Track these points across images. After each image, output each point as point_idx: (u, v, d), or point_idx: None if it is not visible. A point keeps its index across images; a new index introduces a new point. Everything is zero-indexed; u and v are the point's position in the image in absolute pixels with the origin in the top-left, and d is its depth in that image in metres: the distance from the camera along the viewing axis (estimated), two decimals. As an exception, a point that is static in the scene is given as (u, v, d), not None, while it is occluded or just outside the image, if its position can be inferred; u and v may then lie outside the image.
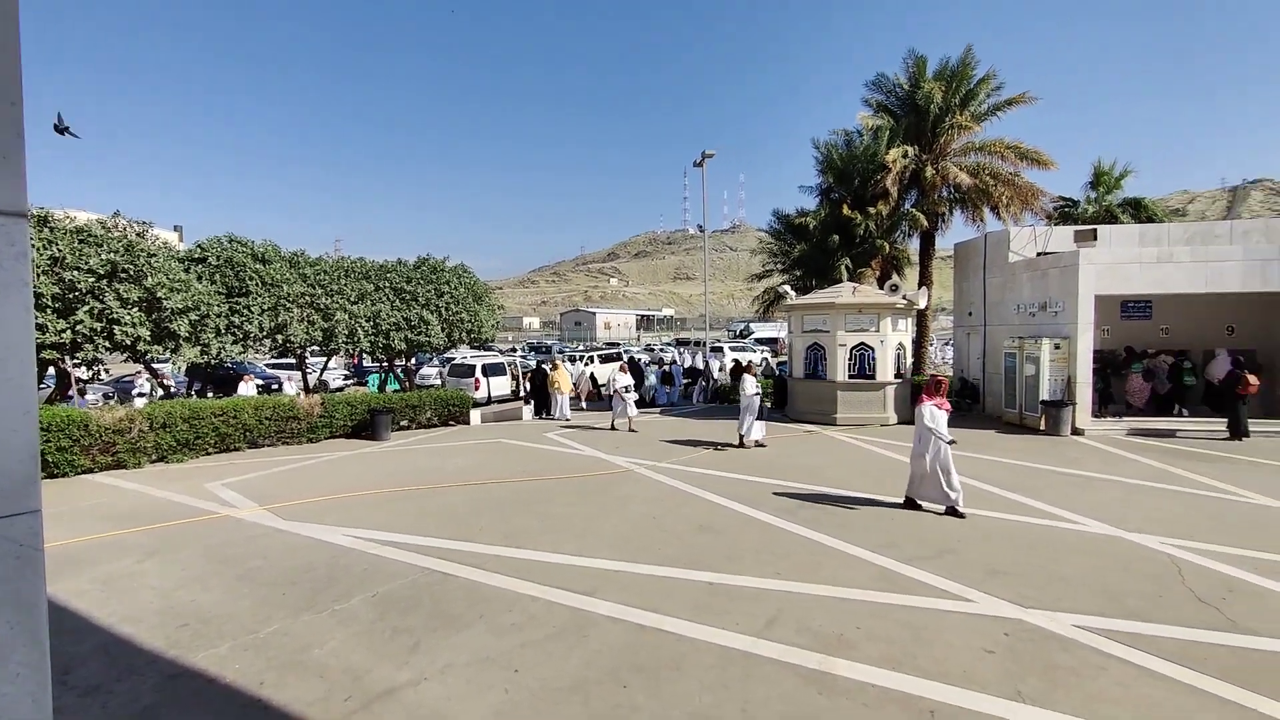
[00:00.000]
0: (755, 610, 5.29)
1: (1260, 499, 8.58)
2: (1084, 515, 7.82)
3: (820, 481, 9.75)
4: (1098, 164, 25.53)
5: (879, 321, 15.36)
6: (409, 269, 17.02)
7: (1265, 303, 14.88)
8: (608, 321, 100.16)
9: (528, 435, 14.67)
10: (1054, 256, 15.33)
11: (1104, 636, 4.77)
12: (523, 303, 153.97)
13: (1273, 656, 4.48)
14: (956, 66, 20.88)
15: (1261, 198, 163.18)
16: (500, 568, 6.29)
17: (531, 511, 8.29)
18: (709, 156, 26.70)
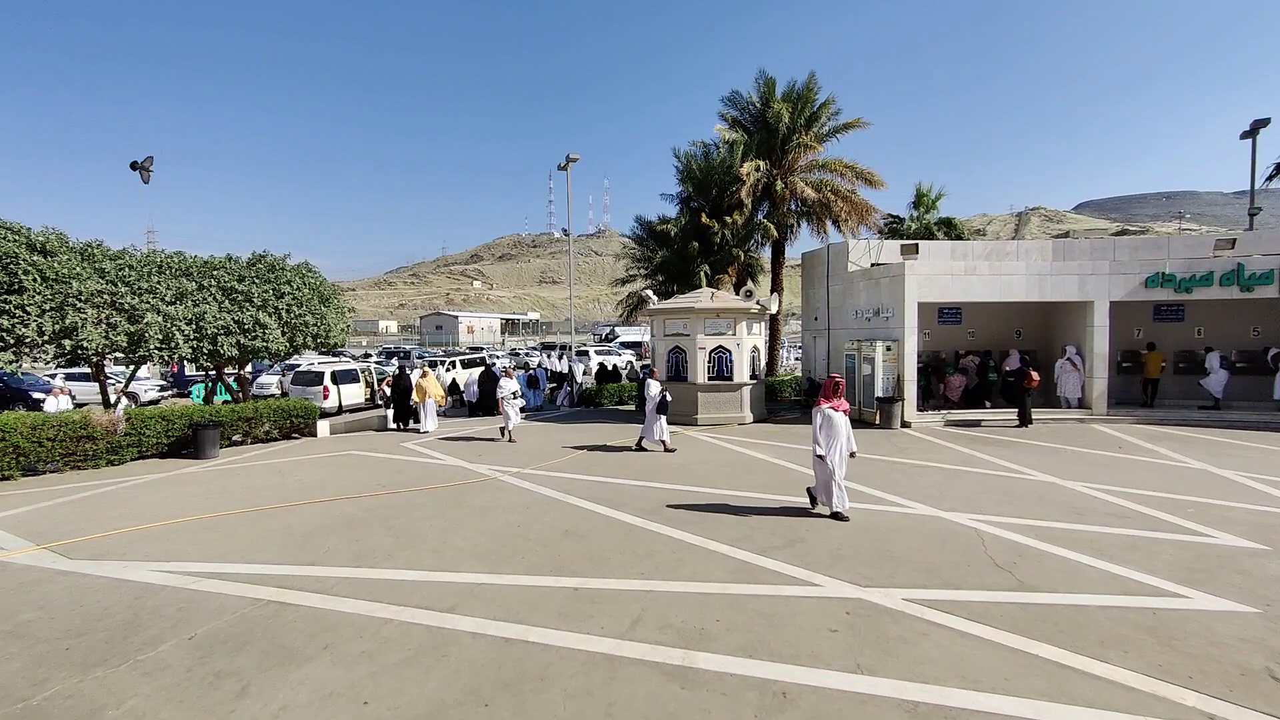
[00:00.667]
0: (619, 612, 5.32)
1: (1041, 476, 10.12)
2: (910, 499, 8.76)
3: (682, 480, 10.06)
4: (919, 186, 28.85)
5: (735, 326, 16.21)
6: (241, 266, 15.20)
7: (1043, 310, 17.64)
8: (471, 325, 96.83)
9: (383, 446, 13.73)
10: (885, 267, 17.08)
11: (926, 606, 5.35)
12: (378, 305, 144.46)
13: (1048, 609, 5.27)
14: (802, 90, 22.65)
15: (1039, 222, 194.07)
16: (349, 591, 5.80)
17: (385, 527, 7.75)
18: (573, 160, 26.68)
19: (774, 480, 10.08)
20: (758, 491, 9.33)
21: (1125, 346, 17.32)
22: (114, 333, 12.37)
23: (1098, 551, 6.59)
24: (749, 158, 21.77)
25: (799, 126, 22.49)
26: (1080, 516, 7.88)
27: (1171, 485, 9.39)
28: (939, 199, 28.86)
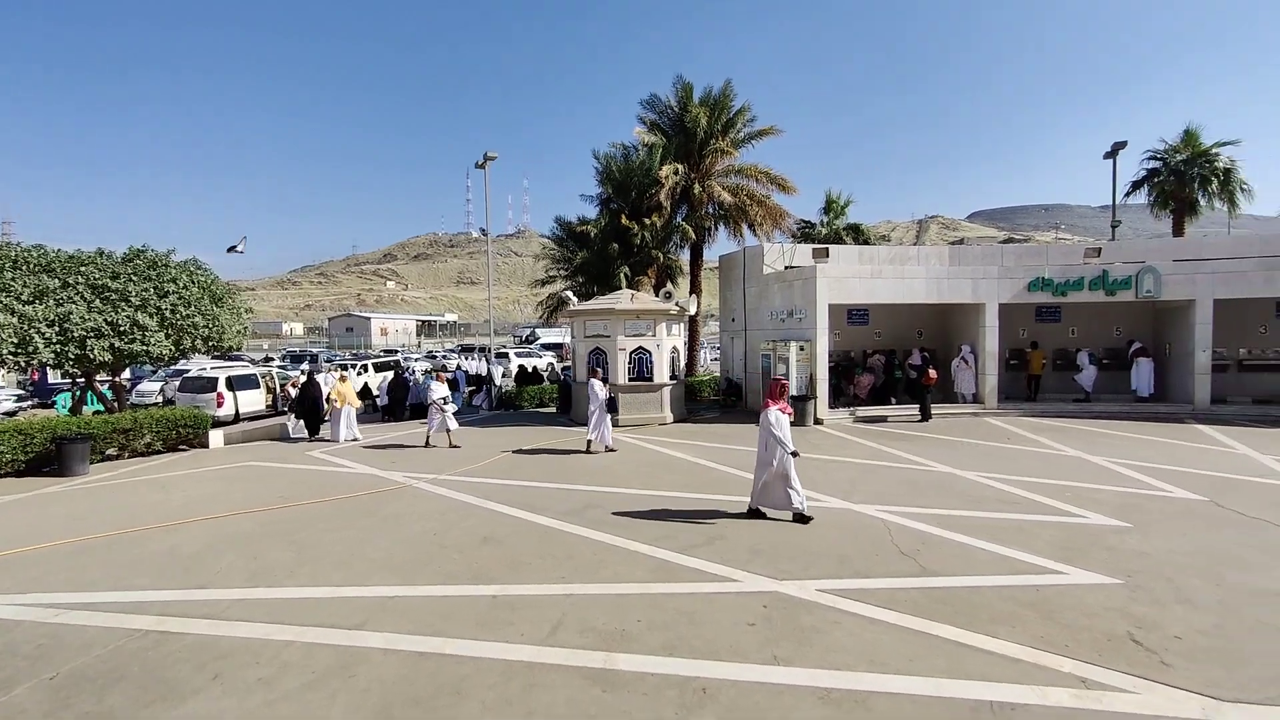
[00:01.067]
0: (540, 618, 5.21)
1: (941, 468, 10.80)
2: (824, 493, 9.10)
3: (604, 482, 10.02)
4: (829, 193, 30.23)
5: (655, 327, 16.35)
6: (115, 262, 13.77)
7: (940, 311, 18.87)
8: (384, 327, 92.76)
9: (286, 456, 12.87)
10: (798, 270, 17.73)
11: (838, 595, 5.56)
12: (282, 306, 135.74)
13: (947, 591, 5.62)
14: (719, 96, 23.16)
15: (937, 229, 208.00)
16: (244, 614, 5.38)
17: (287, 543, 7.25)
18: (491, 159, 26.11)
19: (695, 479, 10.22)
20: (679, 491, 9.42)
21: (1012, 345, 18.78)
22: (-43, 336, 10.94)
23: (990, 536, 7.09)
24: (668, 161, 22.03)
25: (716, 132, 22.98)
26: (976, 504, 8.46)
27: (1052, 472, 10.26)
28: (847, 205, 30.33)
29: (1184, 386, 16.85)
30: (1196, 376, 16.32)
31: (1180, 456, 11.28)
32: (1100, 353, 18.57)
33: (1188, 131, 27.04)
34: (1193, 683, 4.13)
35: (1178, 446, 12.24)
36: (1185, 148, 26.95)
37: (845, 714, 3.89)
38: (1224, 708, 3.88)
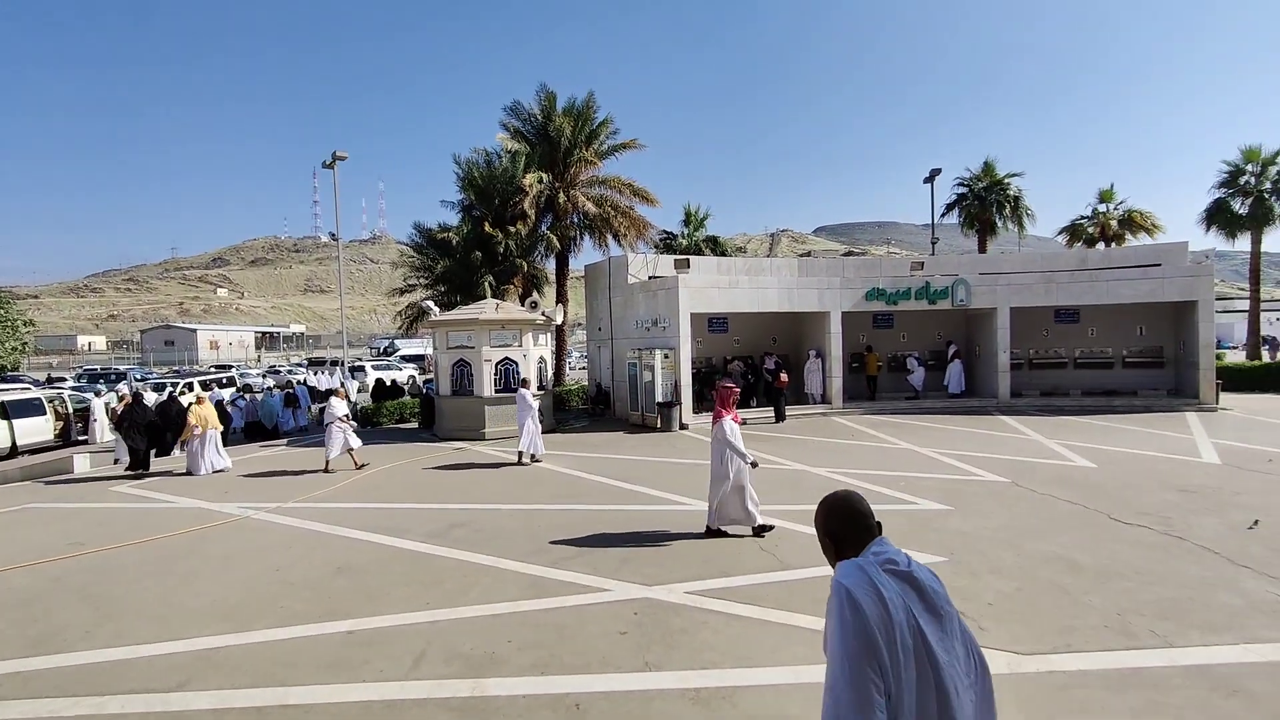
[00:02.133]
0: (400, 651, 4.85)
1: (794, 465, 11.58)
2: (688, 496, 9.37)
3: (472, 499, 9.63)
4: (687, 207, 31.47)
5: (522, 337, 16.05)
6: None
7: (792, 319, 20.31)
8: (215, 340, 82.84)
9: (81, 494, 11.04)
10: (661, 280, 18.26)
11: (705, 596, 5.73)
12: (78, 316, 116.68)
13: (803, 582, 5.99)
14: (582, 107, 23.31)
15: (787, 242, 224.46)
16: (23, 689, 4.50)
17: (81, 598, 6.17)
18: (341, 158, 24.42)
19: (565, 490, 10.13)
20: (548, 503, 9.28)
21: (853, 349, 20.63)
22: None
23: (838, 526, 7.67)
24: (532, 169, 21.79)
25: (580, 142, 23.11)
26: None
27: (889, 464, 11.37)
28: (706, 218, 31.77)
29: (990, 383, 19.46)
30: (999, 374, 18.90)
31: (988, 444, 12.99)
32: (926, 355, 20.95)
33: (986, 162, 31.40)
34: (1001, 641, 4.72)
35: (986, 436, 14.08)
36: (985, 176, 31.25)
37: (714, 712, 4.00)
38: (1024, 660, 4.48)
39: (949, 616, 1.86)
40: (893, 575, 1.84)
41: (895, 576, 1.84)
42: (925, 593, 1.85)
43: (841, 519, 2.04)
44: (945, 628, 1.83)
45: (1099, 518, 7.79)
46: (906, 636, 1.74)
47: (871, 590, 1.77)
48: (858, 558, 1.92)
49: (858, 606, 1.75)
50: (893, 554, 1.91)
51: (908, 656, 1.73)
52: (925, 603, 1.83)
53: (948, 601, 1.88)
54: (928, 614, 1.82)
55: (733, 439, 7.18)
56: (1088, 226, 32.52)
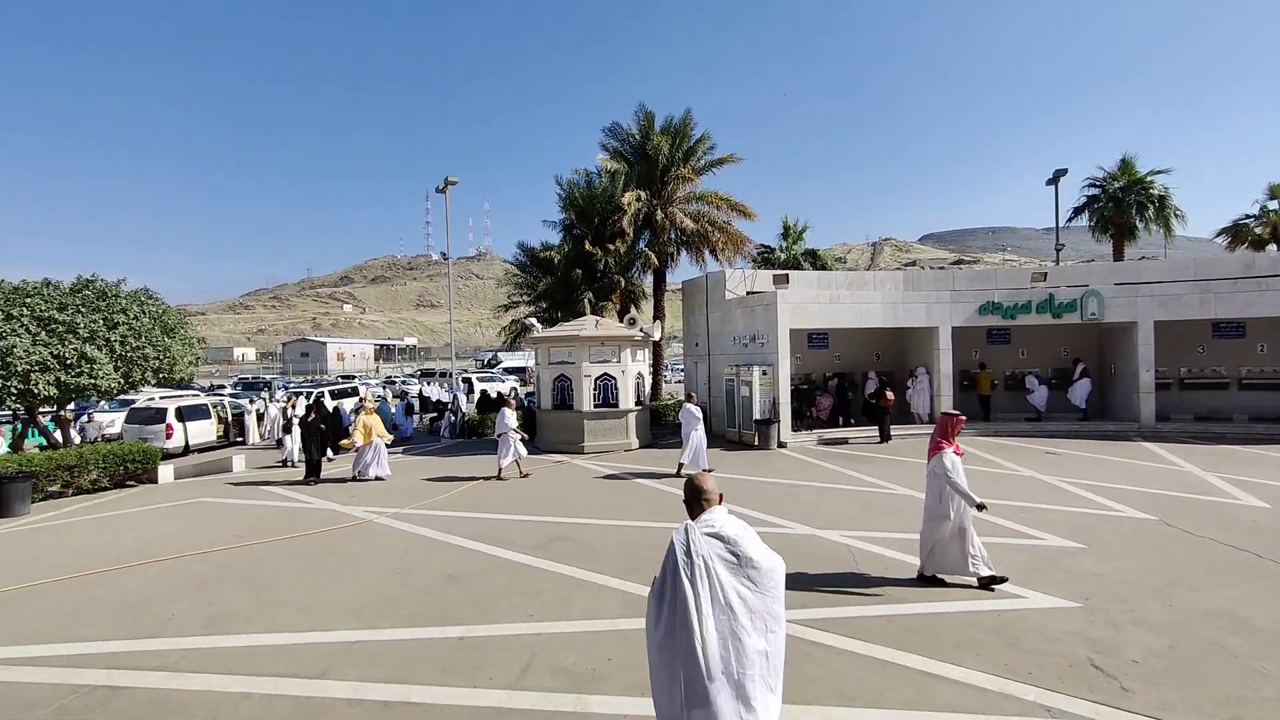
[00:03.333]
0: (508, 660, 5.13)
1: (901, 490, 11.06)
2: (788, 519, 9.22)
3: (570, 512, 9.96)
4: (785, 219, 30.99)
5: (620, 353, 16.42)
6: (62, 293, 13.23)
7: (896, 335, 19.44)
8: (341, 352, 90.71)
9: (240, 492, 12.43)
10: (759, 296, 18.08)
11: (807, 625, 5.62)
12: (234, 331, 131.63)
13: (912, 618, 5.74)
14: (679, 125, 23.63)
15: (890, 252, 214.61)
16: (199, 664, 5.16)
17: (244, 586, 6.99)
18: (452, 183, 26.06)
19: (662, 507, 10.23)
20: (645, 520, 9.42)
21: (965, 367, 19.42)
22: (-113, 372, 10.33)
23: (950, 559, 7.27)
24: (630, 188, 22.31)
25: (677, 159, 23.41)
26: (935, 526, 8.67)
27: (1007, 492, 10.60)
28: (804, 231, 31.13)
29: (1129, 405, 17.65)
30: (1141, 395, 17.10)
31: (1129, 475, 11.79)
32: (1049, 373, 19.34)
33: (1124, 160, 28.64)
34: (1148, 706, 4.28)
35: (1125, 464, 12.79)
36: (1122, 175, 28.51)
37: (817, 749, 3.93)
38: (1173, 727, 4.05)
39: (744, 556, 2.93)
40: (706, 533, 2.96)
41: (707, 535, 2.95)
42: (726, 541, 2.95)
43: (690, 493, 3.16)
44: (738, 559, 2.93)
45: (1275, 569, 6.83)
46: (703, 566, 2.87)
47: (683, 541, 2.94)
48: (692, 521, 3.06)
49: (671, 547, 2.96)
50: (712, 519, 3.03)
51: (703, 577, 2.85)
52: (726, 547, 2.93)
53: (739, 545, 2.94)
54: (725, 553, 2.92)
55: (954, 475, 6.39)
56: (1254, 227, 28.59)
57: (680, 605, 2.81)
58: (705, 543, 2.91)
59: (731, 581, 2.87)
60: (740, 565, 2.91)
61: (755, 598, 2.90)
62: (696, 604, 2.79)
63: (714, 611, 2.81)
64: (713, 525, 2.99)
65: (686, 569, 2.85)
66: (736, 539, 2.96)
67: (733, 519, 3.06)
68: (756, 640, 2.86)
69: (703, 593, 2.81)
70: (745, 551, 2.93)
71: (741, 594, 2.87)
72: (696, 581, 2.82)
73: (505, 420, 12.89)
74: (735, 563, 2.91)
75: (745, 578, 2.90)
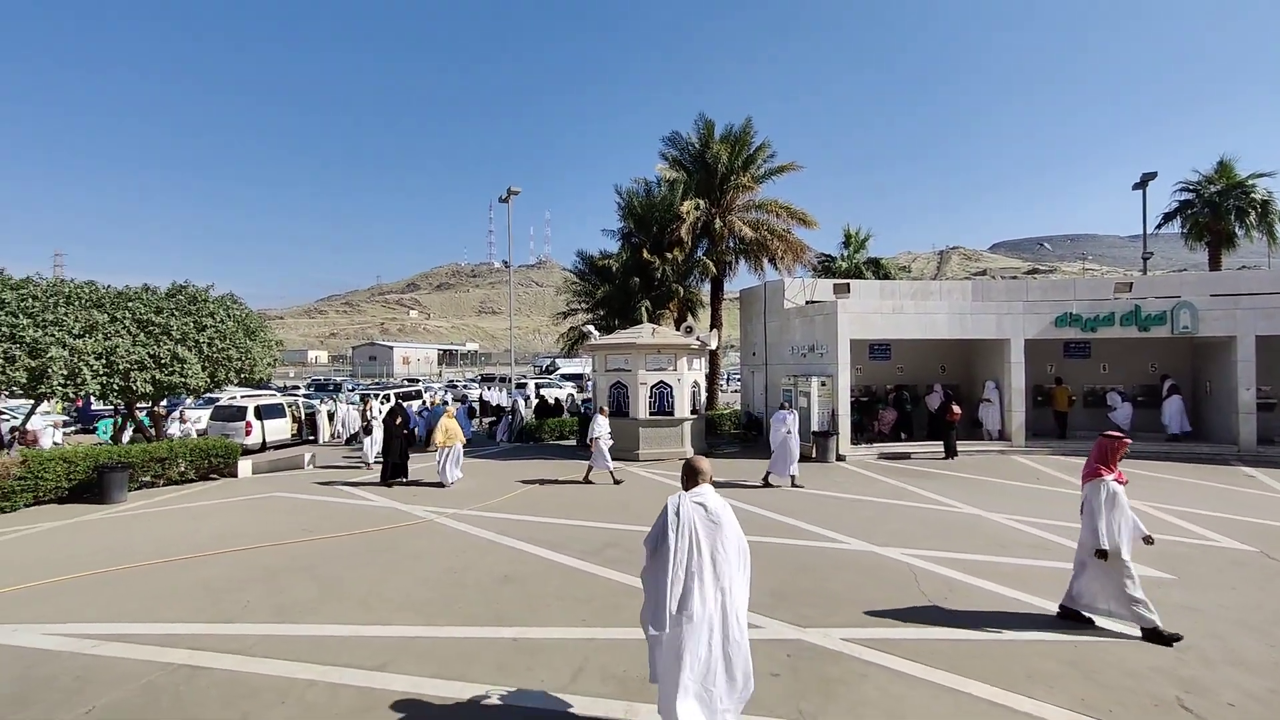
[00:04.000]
0: (560, 662, 5.18)
1: (967, 508, 10.57)
2: (846, 534, 8.96)
3: (624, 519, 9.98)
4: (847, 228, 30.30)
5: (676, 361, 16.40)
6: (159, 298, 14.30)
7: (964, 347, 18.66)
8: (406, 356, 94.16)
9: (310, 488, 13.05)
10: (819, 305, 17.72)
11: (864, 645, 5.44)
12: (309, 334, 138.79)
13: (977, 644, 5.47)
14: (739, 133, 23.53)
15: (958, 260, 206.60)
16: (271, 650, 5.43)
17: (311, 577, 7.32)
18: (515, 193, 26.74)
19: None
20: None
21: (1039, 382, 18.44)
22: (11, 367, 11.39)
23: (1021, 584, 6.90)
24: (689, 196, 22.34)
25: (737, 168, 23.29)
26: (1004, 549, 8.25)
27: (1084, 515, 9.97)
28: (867, 240, 30.37)
29: (1226, 426, 16.35)
30: (1241, 416, 15.82)
31: (1224, 501, 10.91)
32: (1135, 390, 18.14)
33: (1222, 163, 26.71)
34: (1241, 751, 3.94)
35: (1221, 490, 11.84)
36: (1219, 179, 26.59)
37: (874, 775, 3.79)
38: (1275, 779, 3.70)
39: (719, 522, 3.78)
40: (694, 502, 3.82)
41: (695, 503, 3.82)
42: (709, 510, 3.80)
43: (687, 471, 4.02)
44: (716, 527, 3.77)
45: (1386, 608, 6.20)
46: (688, 529, 3.74)
47: (675, 507, 3.80)
48: (684, 491, 3.94)
49: (664, 510, 3.83)
50: (700, 492, 3.89)
51: (690, 537, 3.72)
52: (708, 515, 3.78)
53: (718, 515, 3.80)
54: (706, 520, 3.77)
55: (1108, 510, 5.80)
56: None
57: (664, 551, 3.75)
58: (692, 508, 3.81)
59: (707, 540, 3.77)
60: (716, 528, 3.80)
61: (722, 556, 3.77)
62: (676, 551, 3.71)
63: (689, 560, 3.72)
64: (700, 496, 3.88)
65: (674, 525, 3.76)
66: (717, 511, 3.84)
67: (717, 496, 3.93)
68: (719, 583, 3.75)
69: (683, 544, 3.72)
70: (721, 520, 3.81)
71: (713, 551, 3.77)
72: (680, 535, 3.73)
73: (599, 427, 13.19)
74: (712, 526, 3.80)
75: (718, 540, 3.78)
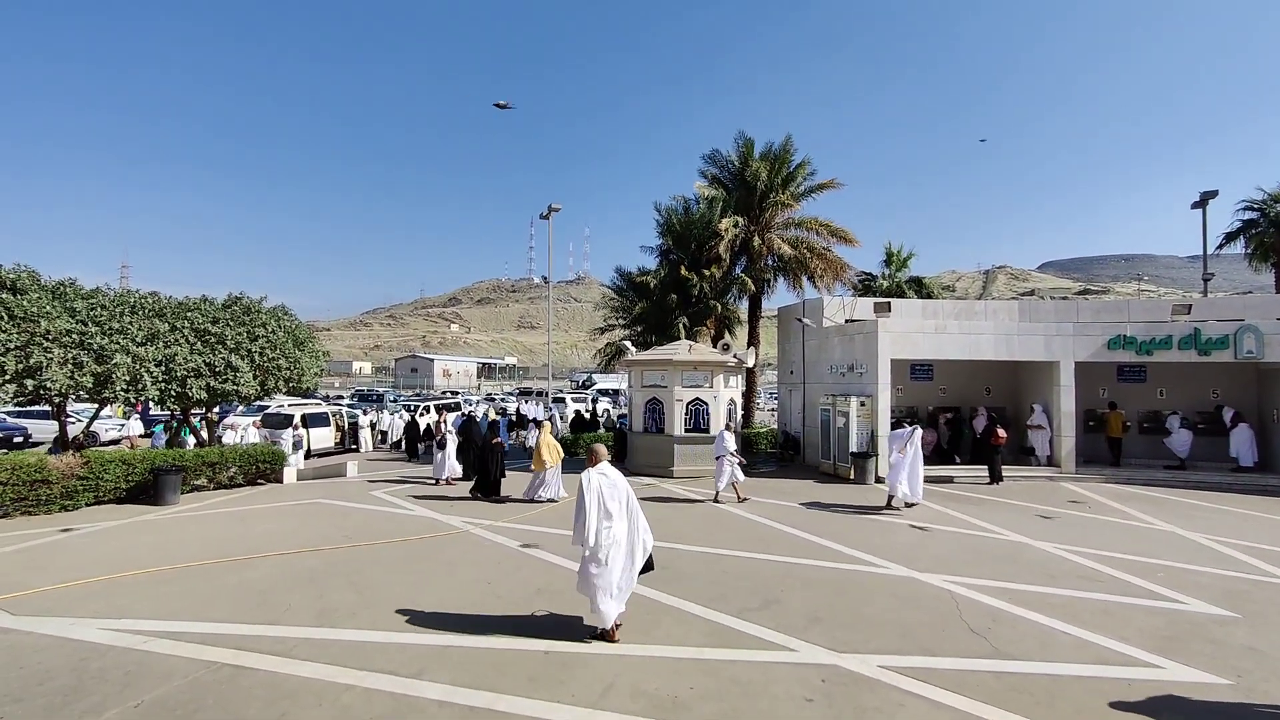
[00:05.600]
0: (591, 678, 5.16)
1: (1012, 536, 10.20)
2: (885, 559, 8.74)
3: (657, 536, 9.88)
4: (888, 246, 29.85)
5: (713, 378, 16.33)
6: (216, 308, 15.00)
7: (1010, 368, 18.11)
8: (447, 369, 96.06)
9: (351, 494, 13.37)
10: (859, 324, 17.46)
11: (902, 674, 5.28)
12: (353, 346, 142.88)
13: (1023, 678, 5.24)
14: (779, 151, 23.51)
15: (1005, 280, 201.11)
16: (310, 653, 5.56)
17: (350, 583, 7.49)
18: (555, 210, 27.19)
19: (751, 537, 10.00)
20: (733, 549, 9.24)
21: (1091, 406, 17.75)
22: (80, 373, 12.05)
23: (1071, 617, 6.61)
24: (727, 214, 22.36)
25: (776, 185, 23.24)
26: (1052, 579, 7.92)
27: (1141, 547, 9.52)
28: (909, 259, 29.84)
29: (1293, 457, 15.44)
30: (1309, 446, 14.93)
31: (1291, 536, 10.27)
32: (1194, 416, 17.30)
33: (1286, 181, 25.47)
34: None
35: (1287, 525, 11.15)
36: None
37: (911, 809, 3.66)
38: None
39: (616, 485, 6.00)
40: (598, 474, 6.02)
41: (599, 475, 6.02)
42: (607, 476, 6.02)
43: (591, 454, 6.38)
44: (615, 488, 5.98)
45: None
46: (596, 491, 5.90)
47: (587, 479, 5.98)
48: (592, 468, 6.12)
49: (581, 483, 6.02)
50: (603, 468, 6.11)
51: (598, 496, 5.88)
52: (607, 481, 5.98)
53: (614, 481, 6.03)
54: (609, 485, 5.97)
55: None
56: None
57: (583, 505, 5.89)
58: (598, 478, 5.98)
59: (610, 496, 5.94)
60: (615, 488, 5.99)
61: (619, 507, 5.96)
62: (590, 505, 5.85)
63: (599, 510, 5.87)
64: (602, 470, 6.09)
65: (588, 489, 5.89)
66: (614, 478, 6.06)
67: (613, 469, 6.17)
68: (620, 523, 5.96)
69: (594, 500, 5.86)
70: (617, 484, 6.04)
71: (612, 505, 5.93)
72: (591, 495, 5.87)
73: (724, 443, 12.71)
74: (612, 488, 5.98)
75: (615, 497, 5.95)
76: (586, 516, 5.78)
